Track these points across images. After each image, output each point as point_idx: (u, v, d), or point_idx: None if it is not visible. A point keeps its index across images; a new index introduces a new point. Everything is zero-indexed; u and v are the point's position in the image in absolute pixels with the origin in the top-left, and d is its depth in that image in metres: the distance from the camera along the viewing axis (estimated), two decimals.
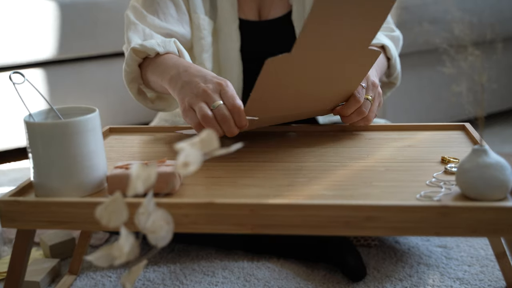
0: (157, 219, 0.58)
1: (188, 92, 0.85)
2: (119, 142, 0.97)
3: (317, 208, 0.65)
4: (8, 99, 1.69)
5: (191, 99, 0.84)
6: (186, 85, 0.86)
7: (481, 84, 0.64)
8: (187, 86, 0.86)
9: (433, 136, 0.93)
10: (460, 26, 0.68)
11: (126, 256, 0.56)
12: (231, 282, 0.98)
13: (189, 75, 0.88)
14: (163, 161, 0.74)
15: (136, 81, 1.05)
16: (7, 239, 1.18)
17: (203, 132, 0.56)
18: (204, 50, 1.17)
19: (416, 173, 0.77)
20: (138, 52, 1.00)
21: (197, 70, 0.89)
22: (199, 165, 0.56)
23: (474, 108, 0.67)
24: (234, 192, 0.72)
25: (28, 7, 1.67)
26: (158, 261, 1.07)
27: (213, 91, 0.83)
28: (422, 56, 1.77)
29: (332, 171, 0.78)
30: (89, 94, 1.83)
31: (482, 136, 0.70)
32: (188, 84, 0.86)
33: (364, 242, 1.10)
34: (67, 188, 0.71)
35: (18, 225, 0.70)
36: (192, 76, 0.87)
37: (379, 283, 0.97)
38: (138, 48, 0.99)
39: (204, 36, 1.17)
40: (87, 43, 1.78)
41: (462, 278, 0.98)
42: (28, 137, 0.71)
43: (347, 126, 0.98)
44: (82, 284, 1.00)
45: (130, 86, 1.05)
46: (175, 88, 0.89)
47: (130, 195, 0.56)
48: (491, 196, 0.65)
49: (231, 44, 1.19)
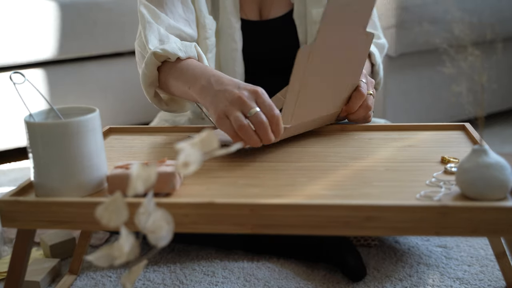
0: (157, 219, 0.58)
1: (223, 100, 0.83)
2: (119, 142, 0.97)
3: (317, 208, 0.65)
4: (8, 99, 1.69)
5: (226, 107, 0.81)
6: (219, 93, 0.84)
7: (481, 84, 0.64)
8: (221, 94, 0.84)
9: (433, 136, 0.93)
10: (460, 26, 0.68)
11: (126, 256, 0.56)
12: (231, 282, 0.98)
13: (222, 84, 0.86)
14: (163, 161, 0.74)
15: (153, 85, 1.04)
16: (7, 239, 1.18)
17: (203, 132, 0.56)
18: (208, 50, 1.16)
19: (416, 173, 0.77)
20: (159, 56, 0.99)
21: (229, 79, 0.87)
22: (199, 165, 0.56)
23: (474, 108, 0.67)
24: (234, 192, 0.73)
25: (28, 7, 1.67)
26: (158, 261, 1.07)
27: (248, 98, 0.81)
28: (422, 56, 1.77)
29: (332, 171, 0.78)
30: (89, 94, 1.83)
31: (482, 136, 0.70)
32: (222, 92, 0.84)
33: (364, 242, 1.10)
34: (67, 188, 0.71)
35: (18, 225, 0.70)
36: (225, 84, 0.85)
37: (379, 283, 0.97)
38: (159, 52, 0.98)
39: (209, 36, 1.16)
40: (87, 43, 1.78)
41: (462, 278, 0.98)
42: (28, 137, 0.71)
43: (347, 126, 0.98)
44: (82, 284, 1.00)
45: (148, 89, 1.04)
46: (207, 97, 0.87)
47: (130, 195, 0.56)
48: (491, 196, 0.65)
49: (233, 44, 1.19)
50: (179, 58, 0.98)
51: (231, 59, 1.19)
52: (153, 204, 0.59)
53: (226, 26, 1.18)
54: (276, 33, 1.21)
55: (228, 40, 1.19)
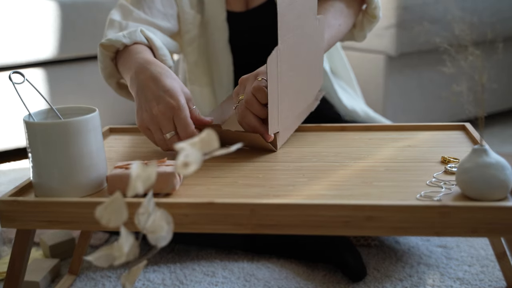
0: (157, 219, 0.58)
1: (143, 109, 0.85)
2: (119, 142, 0.97)
3: (317, 208, 0.65)
4: (8, 99, 1.69)
5: (147, 122, 0.84)
6: (141, 98, 0.86)
7: (481, 84, 0.63)
8: (142, 100, 0.85)
9: (433, 136, 0.93)
10: (460, 26, 0.68)
11: (126, 256, 0.56)
12: (231, 282, 0.98)
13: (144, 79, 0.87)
14: (163, 161, 0.74)
15: (114, 76, 1.05)
16: (7, 239, 1.18)
17: (203, 132, 0.56)
18: (187, 44, 1.19)
19: (416, 173, 0.76)
20: (106, 47, 0.99)
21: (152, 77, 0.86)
22: (199, 165, 0.56)
23: (474, 108, 0.67)
24: (234, 192, 0.72)
25: (28, 7, 1.67)
26: (158, 261, 1.07)
27: (165, 118, 0.83)
28: (422, 56, 1.77)
29: (332, 171, 0.78)
30: (89, 94, 1.83)
31: (482, 136, 0.70)
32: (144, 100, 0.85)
33: (364, 242, 1.10)
34: (67, 188, 0.71)
35: (17, 225, 0.70)
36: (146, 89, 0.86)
37: (379, 283, 0.97)
38: (105, 42, 0.99)
39: (189, 30, 1.19)
40: (87, 43, 1.78)
41: (462, 278, 0.98)
42: (28, 137, 0.71)
43: (347, 126, 0.98)
44: (82, 284, 1.00)
45: (109, 81, 1.06)
46: (133, 89, 0.89)
47: (130, 195, 0.56)
48: (491, 196, 0.64)
49: (219, 36, 1.21)
50: (126, 46, 0.98)
51: (218, 51, 1.22)
52: (153, 204, 0.58)
53: (211, 18, 1.21)
54: (262, 21, 1.22)
55: (214, 32, 1.21)
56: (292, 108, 0.89)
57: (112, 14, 1.11)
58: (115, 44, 0.98)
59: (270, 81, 0.79)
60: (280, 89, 0.83)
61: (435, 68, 1.72)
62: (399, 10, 1.65)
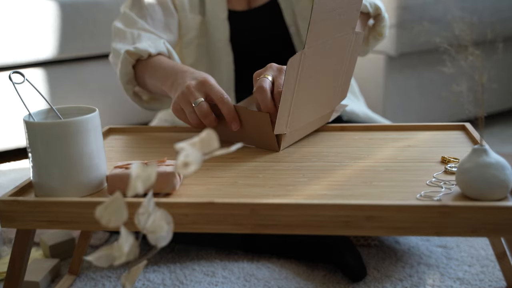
0: (157, 219, 0.58)
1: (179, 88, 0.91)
2: (119, 142, 0.97)
3: (317, 208, 0.65)
4: (8, 99, 1.69)
5: (178, 99, 0.89)
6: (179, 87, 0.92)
7: (481, 84, 0.63)
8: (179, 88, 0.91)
9: (433, 136, 0.93)
10: (460, 26, 0.68)
11: (126, 256, 0.56)
12: (231, 282, 0.98)
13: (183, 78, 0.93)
14: (163, 161, 0.74)
15: (131, 83, 1.10)
16: (7, 239, 1.18)
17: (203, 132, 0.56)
18: (186, 44, 1.22)
19: (416, 173, 0.76)
20: (131, 54, 1.06)
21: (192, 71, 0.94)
22: (199, 165, 0.56)
23: (474, 108, 0.67)
24: (234, 192, 0.72)
25: (28, 7, 1.66)
26: (158, 261, 1.07)
27: (195, 88, 0.88)
28: (422, 56, 1.77)
29: (332, 171, 0.78)
30: (89, 94, 1.83)
31: (482, 136, 0.70)
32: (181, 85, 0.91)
33: (364, 242, 1.10)
34: (67, 188, 0.71)
35: (17, 225, 0.70)
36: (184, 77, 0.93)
37: (379, 283, 0.97)
38: (131, 50, 1.05)
39: (189, 32, 1.21)
40: (87, 43, 1.78)
41: (463, 278, 0.98)
42: (28, 137, 0.71)
43: (347, 126, 0.98)
44: (82, 284, 1.00)
45: (127, 87, 1.10)
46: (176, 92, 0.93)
47: (130, 195, 0.56)
48: (491, 196, 0.64)
49: (220, 35, 1.22)
50: (150, 55, 1.06)
51: (218, 50, 1.23)
52: (153, 204, 0.58)
53: (212, 17, 1.21)
54: (264, 21, 1.22)
55: (214, 32, 1.21)
56: (304, 113, 0.88)
57: (117, 23, 1.15)
58: (141, 53, 1.05)
59: (287, 82, 0.79)
60: (296, 92, 0.82)
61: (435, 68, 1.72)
62: (399, 10, 1.65)
